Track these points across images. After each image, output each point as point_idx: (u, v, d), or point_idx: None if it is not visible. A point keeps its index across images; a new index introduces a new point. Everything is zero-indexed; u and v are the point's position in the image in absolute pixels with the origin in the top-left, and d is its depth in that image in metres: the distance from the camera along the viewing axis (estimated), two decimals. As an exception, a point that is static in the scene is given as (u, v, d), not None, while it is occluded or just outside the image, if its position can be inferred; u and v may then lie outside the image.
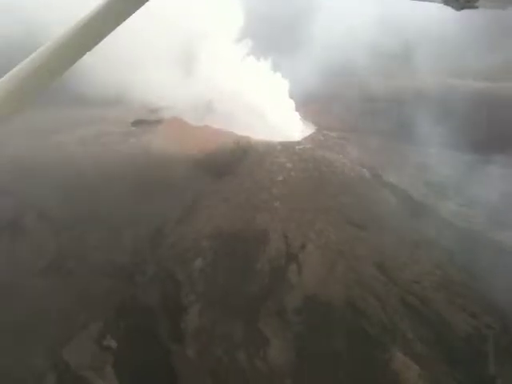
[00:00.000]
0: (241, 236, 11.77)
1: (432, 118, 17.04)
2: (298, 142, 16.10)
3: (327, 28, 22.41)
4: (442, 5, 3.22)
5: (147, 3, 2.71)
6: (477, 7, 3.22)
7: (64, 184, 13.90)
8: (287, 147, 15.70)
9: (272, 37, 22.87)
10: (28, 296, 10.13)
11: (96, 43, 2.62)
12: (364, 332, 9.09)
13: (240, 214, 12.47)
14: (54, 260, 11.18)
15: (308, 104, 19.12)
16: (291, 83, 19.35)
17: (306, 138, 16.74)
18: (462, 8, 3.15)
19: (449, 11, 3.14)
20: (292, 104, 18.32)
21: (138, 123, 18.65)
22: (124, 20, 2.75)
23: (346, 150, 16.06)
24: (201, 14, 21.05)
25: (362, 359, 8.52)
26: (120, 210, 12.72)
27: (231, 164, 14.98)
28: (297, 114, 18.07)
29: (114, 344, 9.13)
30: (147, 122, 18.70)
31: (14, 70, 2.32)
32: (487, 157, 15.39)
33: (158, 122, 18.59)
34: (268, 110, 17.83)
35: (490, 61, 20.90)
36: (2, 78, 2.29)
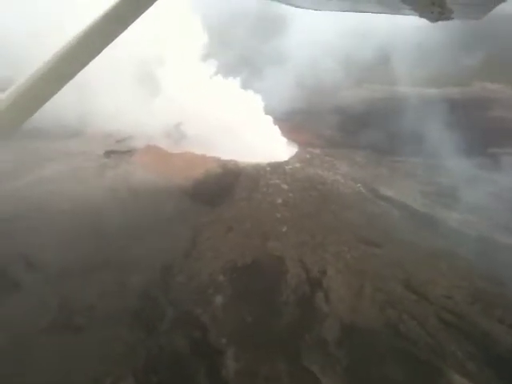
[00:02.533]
0: (257, 267, 11.21)
1: (411, 126, 17.18)
2: (287, 162, 15.76)
3: (299, 41, 22.18)
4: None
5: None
6: (452, 18, 3.31)
7: (47, 228, 12.74)
8: (277, 168, 15.32)
9: (239, 55, 22.39)
10: (38, 360, 8.99)
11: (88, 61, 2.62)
12: (414, 357, 8.76)
13: (249, 243, 11.89)
14: (57, 315, 10.07)
15: (283, 121, 18.74)
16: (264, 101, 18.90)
17: (292, 157, 16.38)
18: (437, 20, 3.22)
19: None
20: (270, 120, 17.86)
21: (110, 154, 17.57)
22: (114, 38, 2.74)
23: (335, 167, 15.87)
24: (161, 36, 20.32)
25: (422, 387, 8.12)
26: (119, 251, 11.78)
27: (223, 190, 14.37)
28: (277, 130, 17.57)
29: (151, 404, 8.26)
30: (119, 152, 17.66)
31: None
32: (474, 161, 15.63)
33: (131, 151, 17.59)
34: (246, 130, 17.29)
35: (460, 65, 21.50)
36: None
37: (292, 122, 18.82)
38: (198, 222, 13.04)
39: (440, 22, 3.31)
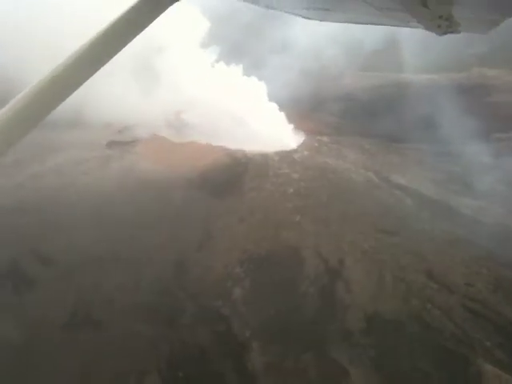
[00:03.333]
0: (273, 258, 11.00)
1: (417, 113, 17.00)
2: (295, 150, 15.50)
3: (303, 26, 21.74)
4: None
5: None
6: (459, 32, 3.30)
7: (56, 221, 12.40)
8: (286, 157, 15.05)
9: (240, 43, 21.98)
10: (58, 357, 8.75)
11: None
12: (441, 346, 8.63)
13: (264, 234, 11.67)
14: (74, 312, 9.84)
15: (287, 108, 18.45)
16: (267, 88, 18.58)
17: (300, 146, 16.12)
18: (444, 33, 3.20)
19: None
20: (275, 107, 17.56)
21: (113, 145, 17.15)
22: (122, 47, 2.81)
23: (343, 154, 15.66)
24: (160, 23, 19.77)
25: (452, 377, 8.02)
26: (131, 244, 11.51)
27: (231, 181, 14.08)
28: (283, 117, 17.27)
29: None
30: (122, 143, 17.26)
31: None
32: (481, 146, 15.51)
33: (134, 141, 17.19)
34: (251, 117, 16.98)
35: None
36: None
37: (297, 110, 18.44)
38: (209, 213, 12.78)
39: None
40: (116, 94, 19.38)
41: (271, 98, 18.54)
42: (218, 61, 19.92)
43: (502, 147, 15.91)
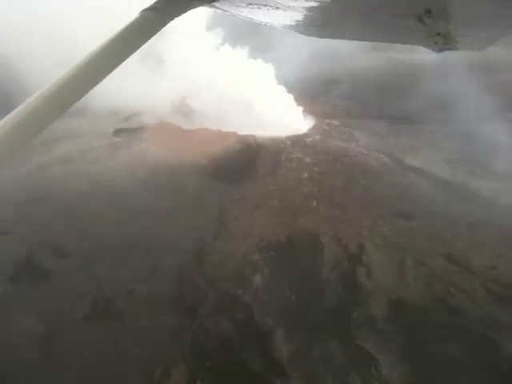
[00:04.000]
0: (292, 244, 10.91)
1: (425, 94, 16.79)
2: (306, 134, 15.30)
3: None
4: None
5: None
6: (457, 49, 3.34)
7: (68, 211, 12.26)
8: (297, 141, 14.88)
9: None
10: (80, 351, 8.68)
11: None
12: (468, 330, 8.58)
13: (280, 220, 11.56)
14: (94, 304, 9.72)
15: (295, 91, 18.20)
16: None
17: (311, 129, 15.92)
18: (442, 50, 3.24)
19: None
20: (283, 90, 17.29)
21: (120, 133, 16.94)
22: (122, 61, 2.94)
23: (355, 137, 15.49)
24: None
25: (483, 362, 7.97)
26: (145, 233, 11.39)
27: (244, 167, 13.93)
28: (292, 100, 17.02)
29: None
30: (129, 130, 17.04)
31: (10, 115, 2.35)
32: (492, 126, 15.33)
33: (142, 128, 16.97)
34: (259, 101, 16.74)
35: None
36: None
37: (305, 93, 18.22)
38: (223, 200, 12.66)
39: None
40: (120, 81, 19.02)
41: (278, 81, 18.23)
42: (223, 43, 19.55)
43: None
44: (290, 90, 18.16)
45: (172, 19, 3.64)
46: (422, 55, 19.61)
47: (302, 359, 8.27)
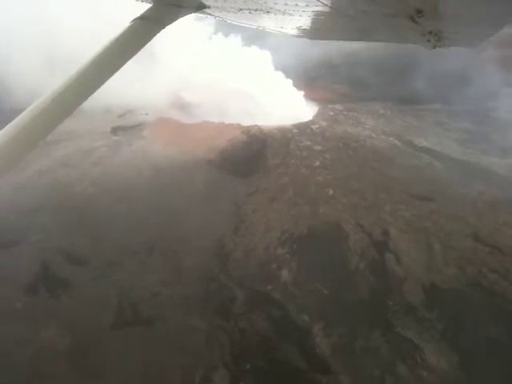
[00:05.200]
0: (315, 235, 10.70)
1: (427, 72, 16.61)
2: (312, 121, 15.00)
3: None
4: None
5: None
6: (449, 46, 3.44)
7: (77, 216, 11.84)
8: (304, 129, 14.60)
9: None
10: (114, 361, 8.37)
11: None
12: (509, 311, 8.44)
13: (300, 211, 11.33)
14: (120, 311, 9.40)
15: (293, 77, 17.87)
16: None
17: (316, 116, 15.63)
18: (434, 47, 3.27)
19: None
20: (282, 76, 16.92)
21: (118, 131, 16.44)
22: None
23: (360, 121, 15.27)
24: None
25: (527, 342, 7.87)
26: (161, 233, 11.07)
27: (253, 159, 13.63)
28: (292, 87, 16.67)
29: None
30: (127, 127, 16.56)
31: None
32: (494, 102, 15.25)
33: (140, 125, 16.51)
34: (258, 90, 16.36)
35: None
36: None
37: (303, 78, 17.89)
38: (237, 194, 12.36)
39: None
40: (112, 77, 18.44)
41: (275, 67, 17.88)
42: (215, 33, 19.06)
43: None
44: (287, 76, 17.78)
45: (164, 27, 3.80)
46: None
47: (345, 354, 8.09)
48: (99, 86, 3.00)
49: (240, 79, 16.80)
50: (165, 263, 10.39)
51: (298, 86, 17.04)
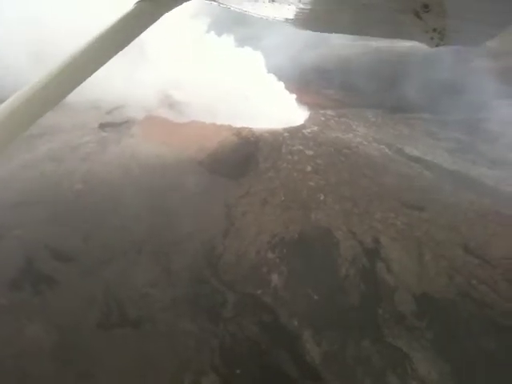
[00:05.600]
0: (305, 240, 10.65)
1: (417, 81, 16.75)
2: (304, 126, 14.97)
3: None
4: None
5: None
6: (452, 44, 3.37)
7: (63, 213, 11.64)
8: (295, 133, 14.54)
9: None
10: (100, 363, 8.19)
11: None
12: (497, 323, 8.54)
13: (291, 216, 11.27)
14: (107, 310, 9.22)
15: (282, 81, 17.81)
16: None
17: (307, 120, 15.60)
18: (437, 45, 3.21)
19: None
20: (274, 79, 16.84)
21: (105, 127, 16.19)
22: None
23: (352, 128, 15.29)
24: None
25: (517, 354, 7.93)
26: (151, 235, 10.91)
27: (243, 161, 13.51)
28: (284, 90, 16.60)
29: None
30: (115, 124, 16.32)
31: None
32: (482, 114, 15.43)
33: (128, 122, 16.27)
34: (250, 91, 16.25)
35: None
36: None
37: (293, 83, 17.82)
38: (228, 196, 12.23)
39: None
40: (99, 72, 18.12)
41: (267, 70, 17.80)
42: (208, 31, 18.86)
43: (504, 114, 15.81)
44: (279, 79, 17.73)
45: (168, 10, 3.58)
46: (410, 42, 19.48)
47: (336, 362, 8.02)
48: (99, 66, 2.89)
49: (231, 80, 16.61)
50: (153, 263, 10.24)
51: (289, 89, 16.90)
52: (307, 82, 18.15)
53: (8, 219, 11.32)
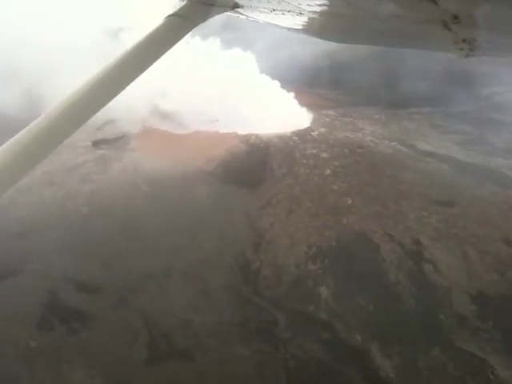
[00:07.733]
0: (344, 247, 10.22)
1: (416, 75, 16.64)
2: (311, 128, 14.55)
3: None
4: None
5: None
6: (480, 55, 3.41)
7: (76, 241, 10.89)
8: (304, 136, 14.14)
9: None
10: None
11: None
12: None
13: (322, 223, 10.82)
14: (152, 343, 8.49)
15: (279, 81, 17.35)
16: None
17: (312, 123, 15.18)
18: (467, 56, 3.25)
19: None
20: (269, 80, 16.32)
21: (100, 144, 15.29)
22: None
23: (359, 127, 15.00)
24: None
25: None
26: (177, 256, 10.28)
27: (257, 169, 12.95)
28: (282, 90, 16.10)
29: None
30: (109, 140, 15.43)
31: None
32: (485, 103, 15.44)
33: (124, 137, 15.42)
34: (248, 95, 15.68)
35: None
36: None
37: (288, 85, 17.35)
38: (248, 207, 11.66)
39: None
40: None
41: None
42: (192, 36, 18.13)
43: (506, 103, 15.85)
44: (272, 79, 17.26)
45: (196, 25, 3.88)
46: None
47: (411, 374, 7.58)
48: (133, 79, 2.98)
49: (222, 84, 15.98)
50: (188, 287, 9.55)
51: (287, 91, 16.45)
52: (298, 82, 17.62)
53: (18, 251, 10.43)
